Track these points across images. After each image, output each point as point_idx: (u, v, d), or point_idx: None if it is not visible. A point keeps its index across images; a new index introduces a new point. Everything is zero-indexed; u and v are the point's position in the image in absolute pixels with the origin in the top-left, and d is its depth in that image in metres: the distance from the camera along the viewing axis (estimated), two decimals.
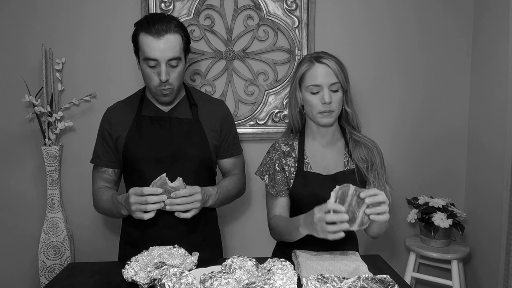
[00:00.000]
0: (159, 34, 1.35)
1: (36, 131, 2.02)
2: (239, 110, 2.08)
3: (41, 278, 2.00)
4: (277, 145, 1.47)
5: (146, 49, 1.37)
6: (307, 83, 1.38)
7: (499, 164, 1.87)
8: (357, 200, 1.14)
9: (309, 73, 1.38)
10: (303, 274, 1.20)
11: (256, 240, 2.14)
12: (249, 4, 2.02)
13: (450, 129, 2.15)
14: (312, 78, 1.37)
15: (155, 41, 1.35)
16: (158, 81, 1.40)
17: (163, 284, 1.02)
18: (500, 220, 1.87)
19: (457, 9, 2.09)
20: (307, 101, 1.40)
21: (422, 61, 2.10)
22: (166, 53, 1.37)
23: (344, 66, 1.40)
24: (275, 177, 1.43)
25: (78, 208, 2.07)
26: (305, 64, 1.40)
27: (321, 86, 1.36)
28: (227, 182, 1.58)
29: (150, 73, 1.40)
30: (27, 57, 2.00)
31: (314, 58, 1.39)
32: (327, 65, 1.36)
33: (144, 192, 1.28)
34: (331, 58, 1.38)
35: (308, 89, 1.38)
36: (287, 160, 1.44)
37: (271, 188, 1.43)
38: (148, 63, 1.38)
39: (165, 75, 1.38)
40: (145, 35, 1.36)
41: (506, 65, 1.84)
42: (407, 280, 2.01)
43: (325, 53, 1.42)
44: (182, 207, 1.32)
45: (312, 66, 1.38)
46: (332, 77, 1.36)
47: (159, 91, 1.43)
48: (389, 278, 1.04)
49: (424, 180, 2.16)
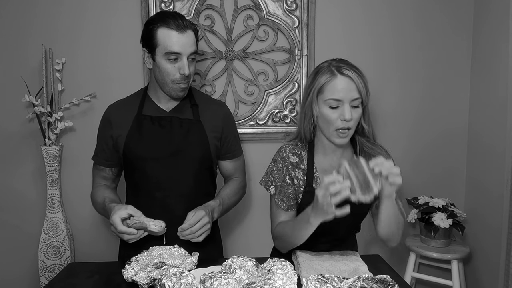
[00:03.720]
0: (182, 29, 1.39)
1: (36, 131, 2.02)
2: (239, 110, 2.08)
3: (41, 278, 2.00)
4: (285, 154, 1.38)
5: (169, 43, 1.39)
6: (327, 96, 1.27)
7: (499, 164, 1.87)
8: (359, 168, 1.12)
9: (330, 86, 1.27)
10: (303, 274, 1.20)
11: (256, 240, 2.14)
12: (249, 4, 2.02)
13: (450, 129, 2.15)
14: (332, 91, 1.26)
15: (179, 35, 1.39)
16: (178, 76, 1.43)
17: (163, 284, 1.02)
18: (500, 220, 1.87)
19: (457, 9, 2.09)
20: (324, 115, 1.29)
21: (422, 61, 2.10)
22: (189, 48, 1.41)
23: (366, 79, 1.29)
24: (284, 189, 1.36)
25: (78, 208, 2.08)
26: (326, 75, 1.28)
27: (342, 101, 1.26)
28: (228, 190, 1.58)
29: (170, 68, 1.42)
30: (27, 57, 2.00)
31: (336, 69, 1.28)
32: (350, 79, 1.26)
33: (118, 230, 1.29)
34: (353, 70, 1.28)
35: (326, 103, 1.27)
36: (295, 173, 1.36)
37: (280, 201, 1.36)
38: (169, 57, 1.40)
39: (188, 68, 1.41)
40: (167, 29, 1.39)
41: (506, 64, 1.84)
42: (407, 280, 2.01)
43: (347, 63, 1.30)
44: (194, 236, 1.33)
45: (334, 78, 1.27)
46: (354, 92, 1.26)
47: (177, 86, 1.45)
48: (389, 278, 1.04)
49: (424, 180, 2.16)
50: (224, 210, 1.54)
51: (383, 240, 1.34)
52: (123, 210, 1.31)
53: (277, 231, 1.36)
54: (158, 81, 1.47)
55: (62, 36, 2.01)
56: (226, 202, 1.54)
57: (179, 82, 1.44)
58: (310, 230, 1.21)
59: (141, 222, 1.28)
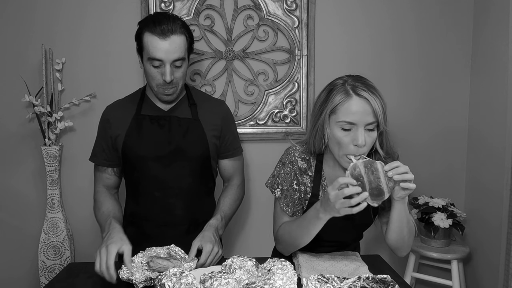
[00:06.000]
0: (165, 34, 1.35)
1: (36, 131, 2.02)
2: (239, 110, 2.08)
3: (41, 278, 2.00)
4: (294, 158, 1.32)
5: (151, 49, 1.36)
6: (340, 117, 1.19)
7: (499, 163, 1.87)
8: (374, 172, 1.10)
9: (344, 107, 1.18)
10: (303, 275, 1.20)
11: (256, 240, 2.14)
12: (249, 4, 2.02)
13: (450, 128, 2.15)
14: (346, 113, 1.18)
15: (160, 41, 1.35)
16: (161, 81, 1.41)
17: (163, 284, 1.02)
18: (500, 220, 1.87)
19: (457, 9, 2.09)
20: (335, 137, 1.21)
21: (422, 61, 2.10)
22: (171, 54, 1.36)
23: (384, 101, 1.20)
24: (290, 194, 1.32)
25: (78, 208, 2.07)
26: (340, 95, 1.20)
27: (356, 124, 1.18)
28: (227, 200, 1.57)
29: (154, 73, 1.40)
30: (27, 57, 2.00)
31: (351, 88, 1.19)
32: (366, 100, 1.17)
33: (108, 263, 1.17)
34: (370, 90, 1.19)
35: (339, 124, 1.19)
36: (303, 179, 1.32)
37: (286, 206, 1.32)
38: (152, 63, 1.38)
39: (169, 75, 1.38)
40: (150, 35, 1.36)
41: (506, 63, 1.84)
42: (407, 280, 2.01)
43: (363, 82, 1.21)
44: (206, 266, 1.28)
45: (348, 99, 1.18)
46: (370, 116, 1.17)
47: (161, 90, 1.43)
48: (389, 278, 1.04)
49: (424, 180, 2.16)
50: (227, 223, 1.53)
51: (392, 249, 1.30)
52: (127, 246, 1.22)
53: (281, 232, 1.32)
54: (148, 83, 1.48)
55: (62, 36, 2.01)
56: (227, 214, 1.54)
57: (163, 87, 1.42)
58: (319, 225, 1.16)
59: (165, 266, 1.19)
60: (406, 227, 1.23)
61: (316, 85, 2.04)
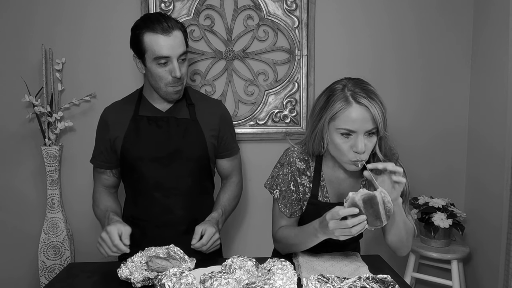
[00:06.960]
0: (167, 31, 1.37)
1: (36, 131, 2.02)
2: (239, 110, 2.08)
3: (41, 278, 2.00)
4: (292, 159, 1.33)
5: (156, 48, 1.37)
6: (339, 124, 1.19)
7: (499, 164, 1.87)
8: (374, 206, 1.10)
9: (344, 115, 1.18)
10: (303, 275, 1.20)
11: (255, 240, 2.13)
12: (249, 4, 2.02)
13: (450, 128, 2.15)
14: (346, 121, 1.17)
15: (165, 38, 1.37)
16: (170, 79, 1.41)
17: (163, 284, 1.02)
18: (500, 220, 1.87)
19: (457, 9, 2.09)
20: (335, 144, 1.21)
21: (422, 61, 2.10)
22: (177, 49, 1.39)
23: (384, 107, 1.19)
24: (288, 196, 1.33)
25: (78, 208, 2.07)
26: (339, 102, 1.18)
27: (356, 132, 1.18)
28: (227, 195, 1.59)
29: (162, 72, 1.41)
30: (27, 57, 2.00)
31: (351, 95, 1.18)
32: (366, 108, 1.16)
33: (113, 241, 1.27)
34: (370, 97, 1.18)
35: (338, 131, 1.19)
36: (301, 179, 1.32)
37: (284, 207, 1.33)
38: (159, 61, 1.39)
39: (179, 70, 1.40)
40: (153, 34, 1.37)
41: (506, 63, 1.84)
42: (407, 280, 2.01)
43: (363, 87, 1.20)
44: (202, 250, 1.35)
45: (348, 107, 1.17)
46: (369, 123, 1.17)
47: (170, 89, 1.44)
48: (389, 278, 1.04)
49: (424, 180, 2.16)
50: (226, 218, 1.56)
51: (392, 249, 1.31)
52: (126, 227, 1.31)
53: (279, 235, 1.34)
54: (152, 86, 1.47)
55: (62, 36, 2.01)
56: (227, 209, 1.56)
57: (172, 85, 1.43)
58: (316, 242, 1.21)
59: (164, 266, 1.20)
60: (403, 229, 1.25)
61: (316, 85, 2.04)
